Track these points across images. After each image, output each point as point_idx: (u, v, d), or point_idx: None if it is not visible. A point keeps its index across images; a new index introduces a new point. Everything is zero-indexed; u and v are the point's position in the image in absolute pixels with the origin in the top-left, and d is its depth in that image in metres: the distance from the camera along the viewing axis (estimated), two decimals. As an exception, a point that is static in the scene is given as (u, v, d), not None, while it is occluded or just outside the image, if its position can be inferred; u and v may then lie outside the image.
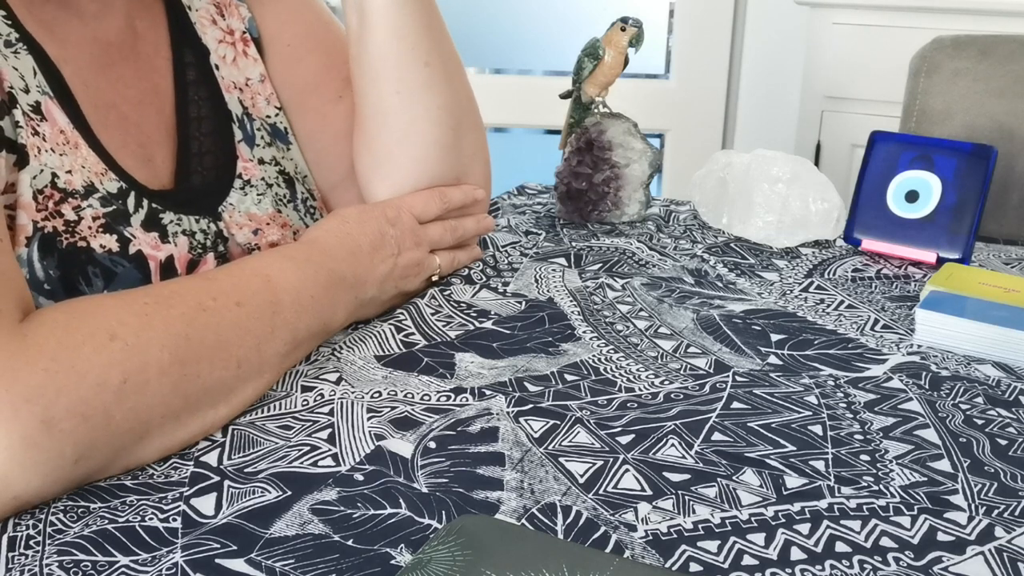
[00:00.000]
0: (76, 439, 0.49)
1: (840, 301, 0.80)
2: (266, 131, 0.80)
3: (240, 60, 0.80)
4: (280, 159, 0.81)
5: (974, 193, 0.88)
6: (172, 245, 0.69)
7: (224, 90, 0.78)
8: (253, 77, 0.81)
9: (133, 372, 0.51)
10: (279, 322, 0.62)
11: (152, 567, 0.45)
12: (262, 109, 0.81)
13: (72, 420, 0.48)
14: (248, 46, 0.81)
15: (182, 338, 0.55)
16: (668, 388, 0.64)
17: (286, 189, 0.79)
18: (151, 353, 0.53)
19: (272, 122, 0.81)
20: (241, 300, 0.60)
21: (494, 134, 2.47)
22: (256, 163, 0.78)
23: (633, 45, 1.00)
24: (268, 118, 0.81)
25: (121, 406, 0.51)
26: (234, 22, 0.81)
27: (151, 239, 0.68)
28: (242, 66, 0.80)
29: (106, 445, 0.50)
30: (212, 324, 0.57)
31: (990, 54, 1.29)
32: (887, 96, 1.66)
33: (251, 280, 0.62)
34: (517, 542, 0.44)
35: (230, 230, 0.73)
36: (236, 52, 0.80)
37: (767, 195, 0.94)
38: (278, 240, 0.76)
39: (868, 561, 0.46)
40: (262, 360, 0.60)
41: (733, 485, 0.52)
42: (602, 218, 1.01)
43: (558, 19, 2.32)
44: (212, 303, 0.58)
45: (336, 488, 0.51)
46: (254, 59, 0.81)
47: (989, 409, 0.61)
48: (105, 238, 0.65)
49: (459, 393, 0.62)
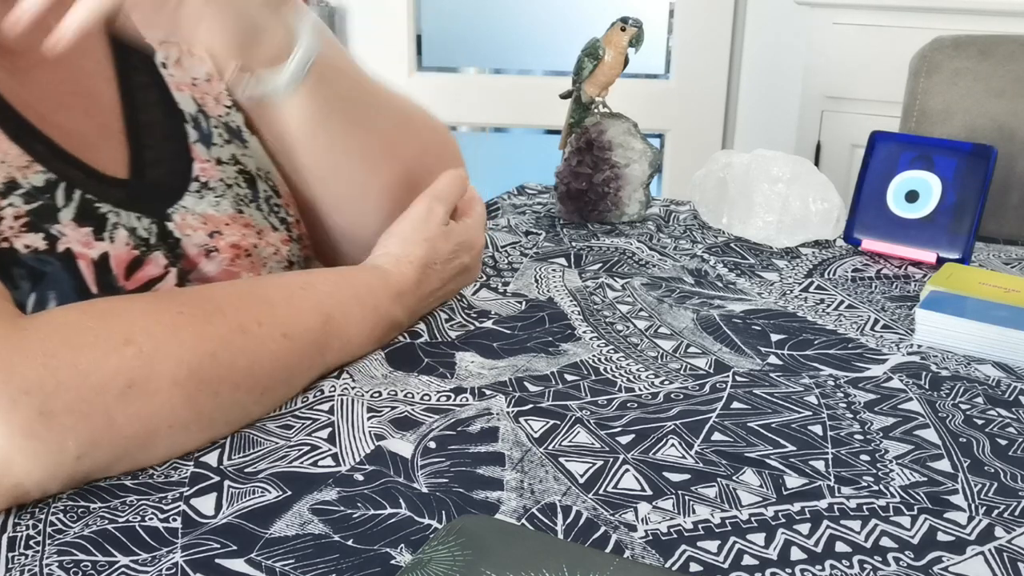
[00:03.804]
0: (77, 435, 0.49)
1: (840, 301, 0.80)
2: (224, 128, 0.76)
3: (185, 59, 0.76)
4: (240, 157, 0.76)
5: (974, 193, 0.88)
6: (108, 242, 0.63)
7: (174, 89, 0.74)
8: (200, 76, 0.77)
9: (141, 379, 0.51)
10: (319, 362, 0.61)
11: (152, 567, 0.45)
12: (213, 108, 0.76)
13: (71, 416, 0.48)
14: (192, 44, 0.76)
15: (207, 356, 0.54)
16: (668, 388, 0.64)
17: (247, 189, 0.75)
18: (167, 364, 0.52)
19: (225, 121, 0.77)
20: (290, 333, 0.59)
21: (494, 134, 2.47)
22: (214, 163, 0.73)
23: (633, 45, 1.00)
24: (220, 117, 0.77)
25: (125, 409, 0.50)
26: None
27: (82, 235, 0.62)
28: (187, 65, 0.76)
29: (109, 445, 0.50)
30: (249, 349, 0.56)
31: (990, 54, 1.29)
32: (887, 96, 1.66)
33: (309, 316, 0.61)
34: (517, 542, 0.44)
35: (183, 231, 0.68)
36: (180, 52, 0.76)
37: (767, 195, 0.94)
38: (239, 242, 0.71)
39: (868, 561, 0.46)
40: (287, 392, 0.60)
41: (733, 485, 0.52)
42: (602, 218, 1.01)
43: (558, 19, 2.32)
44: (256, 328, 0.57)
45: (336, 488, 0.51)
46: (200, 58, 0.77)
47: (989, 409, 0.61)
48: (30, 237, 0.60)
49: (459, 393, 0.62)
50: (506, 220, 1.01)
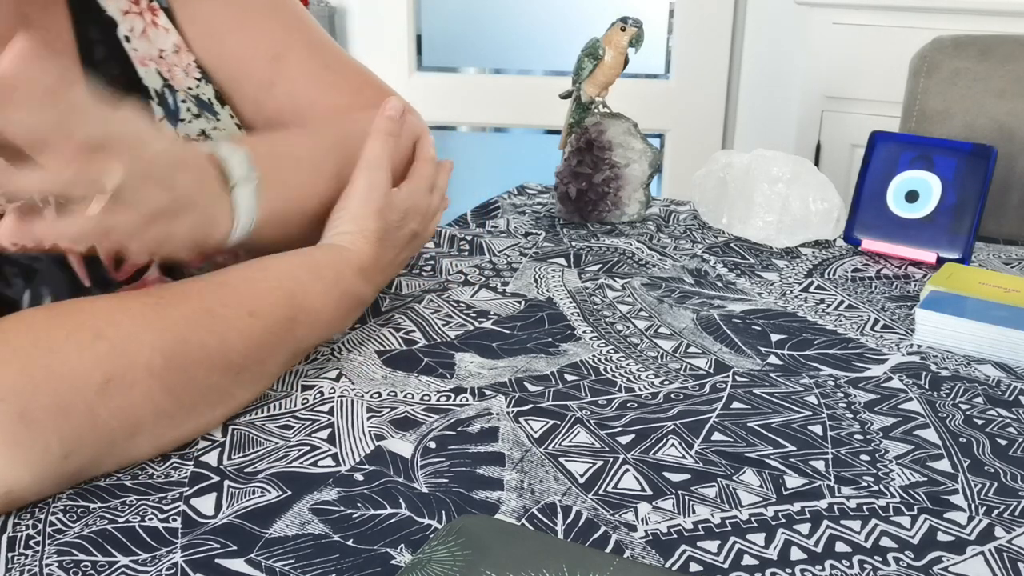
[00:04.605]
0: (60, 435, 0.48)
1: (840, 301, 0.80)
2: (192, 102, 0.75)
3: (150, 31, 0.74)
4: (210, 131, 0.75)
5: (974, 193, 0.88)
6: None
7: (138, 63, 0.73)
8: (167, 48, 0.75)
9: (118, 372, 0.51)
10: (289, 338, 0.61)
11: (152, 567, 0.45)
12: (182, 81, 0.75)
13: (51, 417, 0.48)
14: (157, 15, 0.75)
15: (180, 341, 0.54)
16: (668, 388, 0.64)
17: None
18: (141, 354, 0.52)
19: (195, 94, 0.75)
20: (255, 311, 0.59)
21: (494, 134, 2.47)
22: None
23: (633, 45, 1.00)
24: (190, 90, 0.75)
25: (106, 404, 0.50)
26: None
27: None
28: (152, 37, 0.74)
29: (94, 441, 0.50)
30: (217, 330, 0.56)
31: (990, 54, 1.29)
32: (887, 96, 1.66)
33: (272, 292, 0.61)
34: (517, 542, 0.44)
35: None
36: (145, 23, 0.74)
37: (767, 195, 0.94)
38: None
39: (868, 561, 0.46)
40: (264, 371, 0.60)
41: (733, 485, 0.52)
42: (602, 218, 1.01)
43: (558, 19, 2.32)
44: (222, 309, 0.57)
45: (336, 488, 0.51)
46: (164, 28, 0.75)
47: (989, 409, 0.61)
48: None
49: (459, 393, 0.62)
50: (506, 220, 1.01)
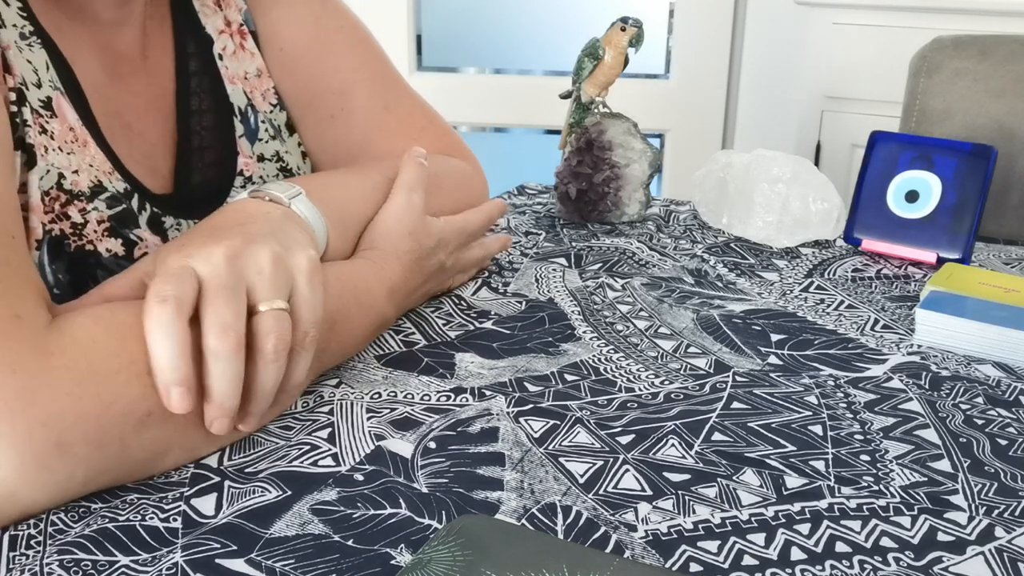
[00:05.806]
0: (88, 464, 0.48)
1: (840, 301, 0.80)
2: (271, 124, 0.79)
3: (239, 53, 0.79)
4: (282, 154, 0.80)
5: (974, 193, 0.88)
6: None
7: (227, 81, 0.77)
8: (251, 71, 0.80)
9: (159, 406, 0.49)
10: (317, 365, 0.61)
11: (152, 567, 0.45)
12: (260, 104, 0.80)
13: (87, 447, 0.47)
14: (245, 39, 0.80)
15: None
16: (668, 388, 0.64)
17: None
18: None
19: (270, 117, 0.80)
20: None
21: (494, 134, 2.47)
22: (256, 160, 0.77)
23: (633, 45, 1.00)
24: (267, 112, 0.80)
25: (140, 436, 0.49)
26: (231, 13, 0.79)
27: (157, 241, 0.67)
28: (240, 59, 0.79)
29: (117, 469, 0.50)
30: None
31: (990, 54, 1.29)
32: (887, 96, 1.66)
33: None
34: (517, 542, 0.44)
35: None
36: (235, 44, 0.79)
37: (767, 195, 0.94)
38: None
39: (868, 561, 0.46)
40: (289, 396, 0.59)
41: (733, 485, 0.52)
42: (602, 218, 1.01)
43: (558, 19, 2.32)
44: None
45: (336, 488, 0.51)
46: (251, 52, 0.80)
47: (989, 409, 0.62)
48: (111, 242, 0.64)
49: (459, 393, 0.62)
50: (506, 220, 1.01)
